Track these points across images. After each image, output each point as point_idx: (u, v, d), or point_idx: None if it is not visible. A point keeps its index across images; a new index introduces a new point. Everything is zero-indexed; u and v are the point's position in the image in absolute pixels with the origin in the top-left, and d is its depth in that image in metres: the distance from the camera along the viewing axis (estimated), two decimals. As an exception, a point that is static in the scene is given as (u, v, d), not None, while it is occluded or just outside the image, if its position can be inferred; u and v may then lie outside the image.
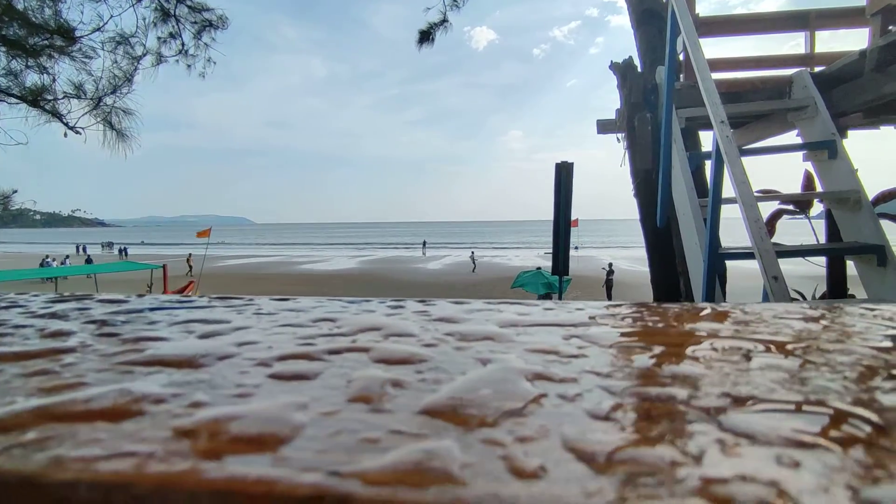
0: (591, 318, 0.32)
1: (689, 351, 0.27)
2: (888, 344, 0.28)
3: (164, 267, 13.78)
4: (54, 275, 14.10)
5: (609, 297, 15.52)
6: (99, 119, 4.50)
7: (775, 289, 1.81)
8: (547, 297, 12.83)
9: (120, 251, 40.00)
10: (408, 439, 0.17)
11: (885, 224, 3.09)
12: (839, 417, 0.19)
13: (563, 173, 4.61)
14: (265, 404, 0.20)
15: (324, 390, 0.21)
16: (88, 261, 24.79)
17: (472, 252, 27.95)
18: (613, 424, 0.18)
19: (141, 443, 0.16)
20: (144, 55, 5.64)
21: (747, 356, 0.25)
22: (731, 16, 4.13)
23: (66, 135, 4.43)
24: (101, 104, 4.52)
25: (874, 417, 0.18)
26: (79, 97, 4.49)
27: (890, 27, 2.80)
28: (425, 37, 7.92)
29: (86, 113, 4.44)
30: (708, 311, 0.36)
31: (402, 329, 0.30)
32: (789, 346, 0.27)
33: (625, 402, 0.20)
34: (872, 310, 0.36)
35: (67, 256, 29.49)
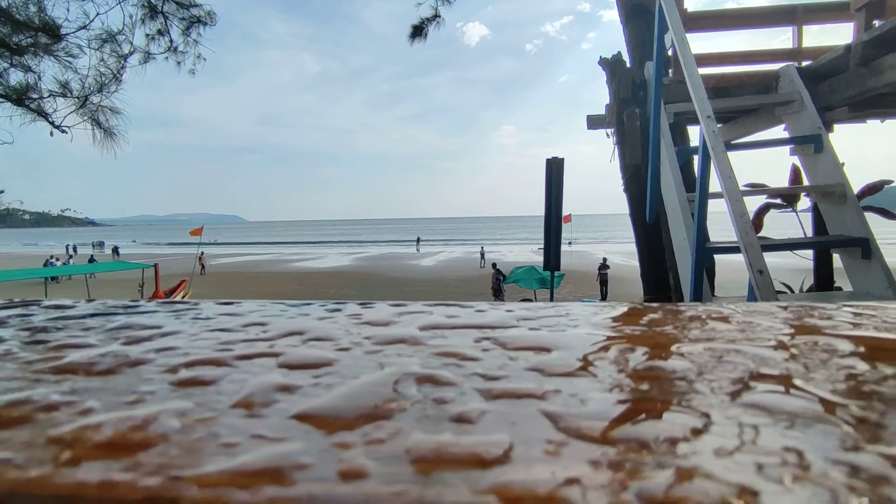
0: (519, 319, 0.33)
1: (584, 354, 0.27)
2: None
3: (155, 266, 13.68)
4: (45, 275, 13.96)
5: (603, 293, 15.57)
6: (85, 118, 4.45)
7: (760, 282, 1.83)
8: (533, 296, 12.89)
9: (112, 251, 39.67)
10: (263, 444, 0.17)
11: (871, 217, 3.13)
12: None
13: (554, 169, 4.62)
14: (148, 411, 0.20)
15: (213, 396, 0.22)
16: (91, 260, 24.62)
17: (482, 248, 28.09)
18: (467, 430, 0.18)
19: (7, 450, 0.17)
20: (132, 53, 5.58)
21: (624, 360, 0.26)
22: (720, 11, 4.15)
23: (52, 134, 4.39)
24: (88, 103, 4.47)
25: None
26: (65, 96, 4.44)
27: (874, 22, 2.82)
28: (417, 31, 7.90)
29: (72, 111, 4.40)
30: (624, 311, 0.36)
31: (326, 333, 0.31)
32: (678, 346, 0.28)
33: (492, 408, 0.20)
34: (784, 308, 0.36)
35: (70, 256, 29.22)
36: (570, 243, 38.86)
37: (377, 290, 17.75)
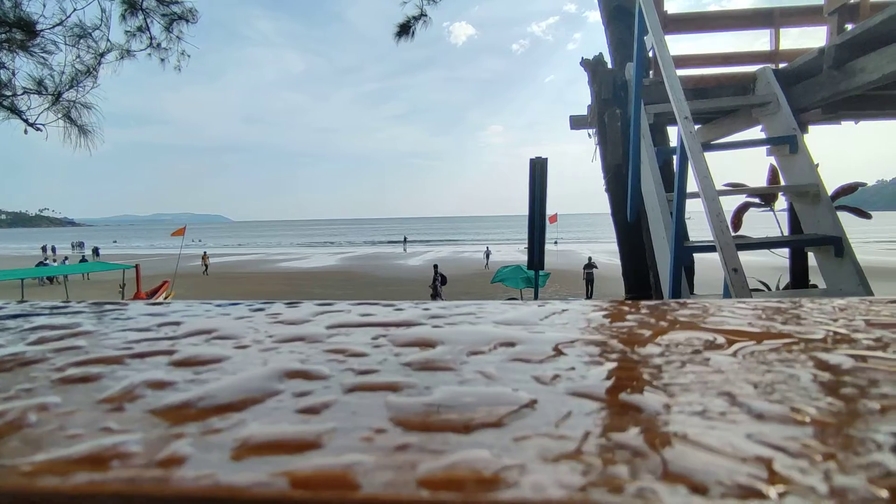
0: (429, 317, 0.33)
1: (466, 349, 0.28)
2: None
3: (136, 267, 13.45)
4: (27, 276, 13.62)
5: (589, 292, 15.71)
6: (59, 115, 4.36)
7: (735, 281, 1.86)
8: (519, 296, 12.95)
9: (92, 251, 38.89)
10: (100, 434, 0.18)
11: (845, 216, 3.20)
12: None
13: (538, 169, 4.65)
14: (13, 405, 0.21)
15: (85, 394, 0.22)
16: (83, 260, 24.21)
17: (487, 247, 28.16)
18: (306, 420, 0.19)
19: None
20: (110, 50, 5.48)
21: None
22: (700, 13, 4.21)
23: (25, 132, 4.28)
24: (62, 99, 4.37)
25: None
26: (40, 93, 4.34)
27: (846, 25, 2.89)
28: (404, 30, 7.88)
29: (46, 109, 4.30)
30: (537, 308, 0.37)
31: (233, 332, 0.31)
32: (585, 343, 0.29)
33: (344, 400, 0.21)
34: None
35: (66, 258, 28.63)
36: (555, 242, 39.14)
37: (363, 291, 17.68)
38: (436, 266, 15.66)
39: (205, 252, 27.02)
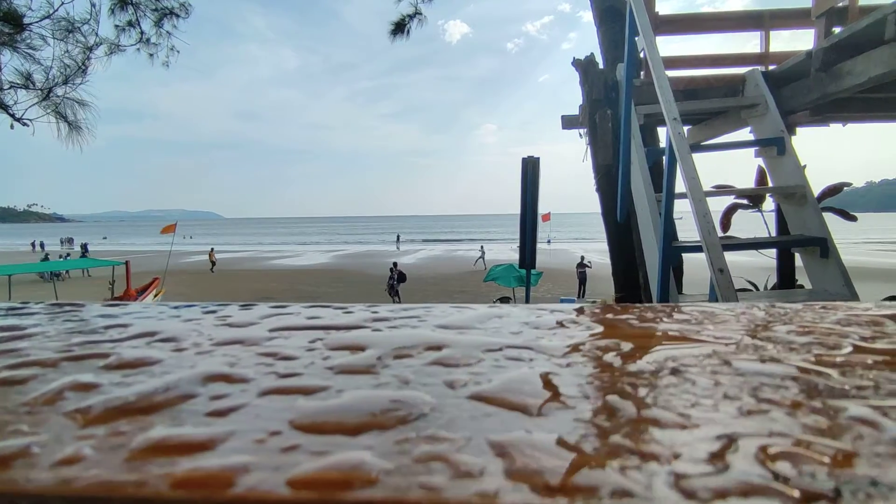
0: (372, 320, 0.34)
1: (387, 352, 0.29)
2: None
3: (126, 264, 13.33)
4: (16, 272, 13.43)
5: (581, 291, 15.78)
6: (49, 111, 4.30)
7: (720, 281, 1.88)
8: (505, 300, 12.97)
9: (81, 248, 38.47)
10: (10, 436, 0.19)
11: (831, 217, 3.24)
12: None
13: (530, 168, 4.65)
14: None
15: (6, 397, 0.23)
16: (84, 253, 24.08)
17: (482, 246, 28.08)
18: (205, 422, 0.20)
19: None
20: (100, 44, 5.41)
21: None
22: (691, 14, 4.23)
23: (12, 126, 4.22)
24: (52, 95, 4.31)
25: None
26: (27, 87, 4.28)
27: (833, 28, 2.92)
28: (399, 28, 7.85)
29: (34, 104, 4.24)
30: (478, 312, 0.37)
31: (177, 335, 0.31)
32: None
33: (254, 402, 0.22)
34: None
35: (68, 254, 28.50)
36: (549, 241, 39.26)
37: (355, 288, 17.64)
38: (395, 264, 15.67)
39: (212, 249, 27.34)
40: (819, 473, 0.16)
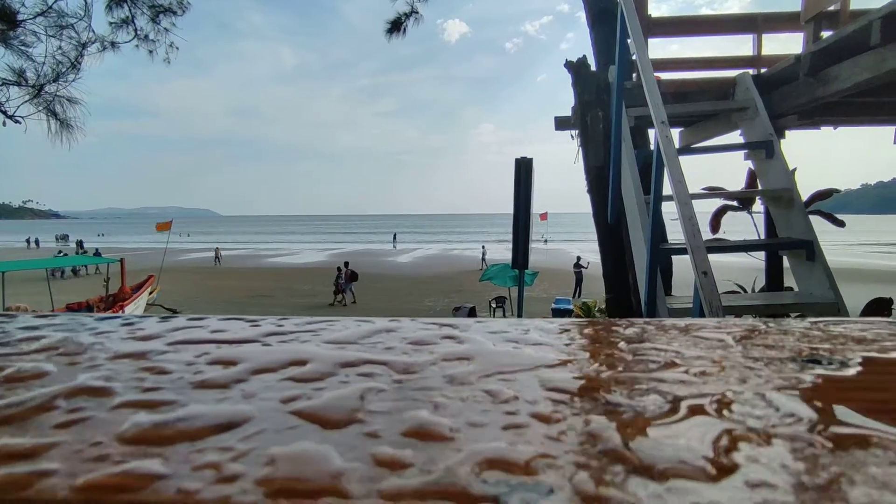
0: (272, 334, 0.35)
1: (260, 366, 0.29)
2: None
3: (121, 261, 13.28)
4: (15, 268, 13.33)
5: (577, 291, 15.81)
6: (41, 108, 4.29)
7: (704, 283, 1.90)
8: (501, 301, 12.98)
9: (77, 244, 38.26)
10: None
11: (818, 221, 3.26)
12: None
13: (523, 168, 4.67)
14: None
15: None
16: (97, 253, 23.96)
17: (483, 246, 27.93)
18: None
19: None
20: (94, 41, 5.39)
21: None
22: (684, 17, 4.26)
23: (3, 123, 4.21)
24: (43, 92, 4.30)
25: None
26: (19, 84, 4.26)
27: (822, 33, 2.95)
28: (395, 27, 7.84)
29: (26, 101, 4.22)
30: (370, 327, 0.38)
31: (80, 348, 0.32)
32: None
33: (97, 416, 0.23)
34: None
35: (78, 252, 28.59)
36: (545, 241, 39.26)
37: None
38: (345, 263, 15.50)
39: (217, 247, 28.12)
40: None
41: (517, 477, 0.18)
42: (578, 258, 17.11)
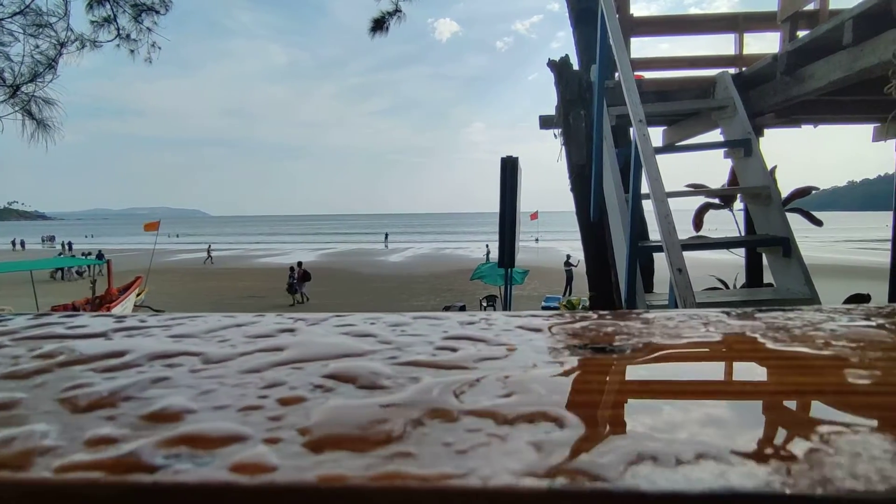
0: (178, 336, 0.35)
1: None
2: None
3: (108, 263, 13.13)
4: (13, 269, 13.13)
5: (568, 290, 15.88)
6: (17, 108, 4.22)
7: (679, 280, 1.92)
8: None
9: (64, 246, 37.81)
10: None
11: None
12: None
13: (509, 168, 4.68)
14: None
15: None
16: (100, 255, 23.62)
17: (487, 245, 27.87)
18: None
19: None
20: (74, 40, 5.32)
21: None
22: (665, 17, 4.31)
23: (-19, 123, 4.14)
24: (20, 92, 4.23)
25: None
26: (-4, 84, 4.20)
27: (798, 33, 2.98)
28: (378, 25, 7.85)
29: (2, 101, 4.15)
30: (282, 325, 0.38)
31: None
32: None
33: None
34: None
35: (88, 254, 28.09)
36: (536, 240, 39.41)
37: (343, 287, 17.58)
38: (298, 263, 15.54)
39: (209, 245, 28.44)
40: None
41: None
42: (568, 256, 17.12)
